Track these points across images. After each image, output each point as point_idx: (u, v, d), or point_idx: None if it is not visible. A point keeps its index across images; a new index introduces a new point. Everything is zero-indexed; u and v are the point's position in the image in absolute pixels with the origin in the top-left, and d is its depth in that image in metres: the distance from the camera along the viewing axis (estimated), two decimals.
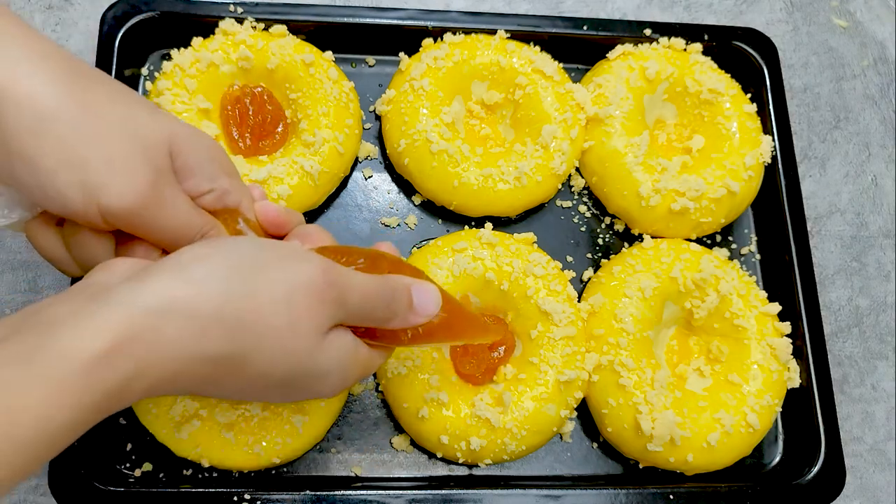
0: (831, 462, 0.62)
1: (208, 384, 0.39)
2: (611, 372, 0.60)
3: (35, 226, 0.45)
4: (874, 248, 0.76)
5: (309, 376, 0.42)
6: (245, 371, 0.39)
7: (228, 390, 0.40)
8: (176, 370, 0.36)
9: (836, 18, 0.84)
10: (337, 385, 0.44)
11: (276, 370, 0.40)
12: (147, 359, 0.35)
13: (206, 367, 0.37)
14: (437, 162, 0.65)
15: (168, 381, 0.36)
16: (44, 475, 0.60)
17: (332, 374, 0.43)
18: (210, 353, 0.37)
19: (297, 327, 0.39)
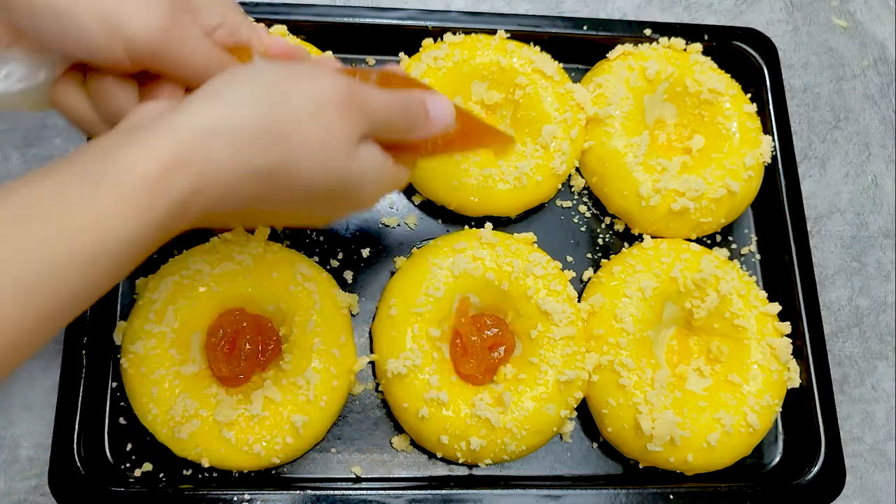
0: (831, 462, 0.62)
1: (259, 202, 0.41)
2: (611, 372, 0.60)
3: (60, 87, 0.45)
4: (874, 248, 0.76)
5: (347, 185, 0.45)
6: (290, 184, 0.41)
7: (278, 207, 0.43)
8: (229, 186, 0.39)
9: (836, 18, 0.84)
10: (373, 194, 0.48)
11: (317, 180, 0.42)
12: (202, 175, 0.37)
13: (255, 181, 0.40)
14: (437, 162, 0.65)
15: (222, 199, 0.39)
16: (44, 475, 0.60)
17: (368, 182, 0.46)
18: (256, 166, 0.39)
19: (331, 137, 0.42)
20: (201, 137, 0.38)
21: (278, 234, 0.66)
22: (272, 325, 0.61)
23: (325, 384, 0.58)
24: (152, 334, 0.58)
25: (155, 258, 0.64)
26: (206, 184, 0.38)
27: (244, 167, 0.39)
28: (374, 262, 0.67)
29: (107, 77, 0.44)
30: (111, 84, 0.44)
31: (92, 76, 0.44)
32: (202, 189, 0.38)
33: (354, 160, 0.44)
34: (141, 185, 0.36)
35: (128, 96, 0.45)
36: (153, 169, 0.36)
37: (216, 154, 0.38)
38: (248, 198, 0.41)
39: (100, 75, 0.44)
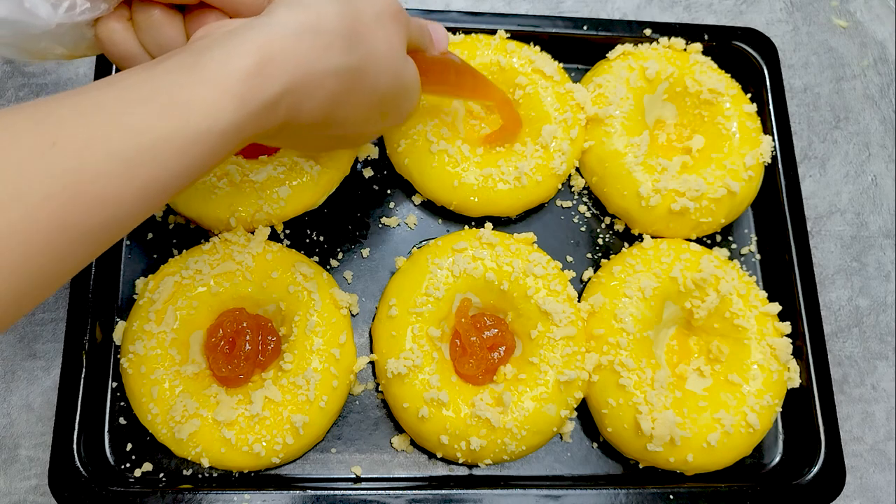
0: (831, 462, 0.62)
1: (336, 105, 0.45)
2: (611, 372, 0.60)
3: (107, 24, 0.47)
4: (874, 248, 0.76)
5: (400, 90, 0.50)
6: (362, 84, 0.46)
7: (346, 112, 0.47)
8: (314, 84, 0.42)
9: (836, 18, 0.84)
10: (414, 101, 0.54)
11: (381, 82, 0.47)
12: (292, 73, 0.40)
13: (335, 80, 0.43)
14: (437, 162, 0.65)
15: (306, 98, 0.42)
16: (44, 475, 0.60)
17: (412, 89, 0.52)
18: (338, 64, 0.43)
19: (393, 42, 0.48)
20: (291, 37, 0.41)
21: (278, 234, 0.66)
22: (272, 325, 0.61)
23: (325, 384, 0.58)
24: (152, 334, 0.58)
25: (155, 258, 0.64)
26: (295, 81, 0.41)
27: (328, 65, 0.42)
28: (374, 262, 0.67)
29: (155, 9, 0.46)
30: (160, 17, 0.46)
31: (139, 10, 0.46)
32: (291, 86, 0.41)
33: (406, 66, 0.50)
34: (238, 78, 0.38)
35: (176, 28, 0.47)
36: (249, 64, 0.39)
37: (304, 52, 0.41)
38: (327, 99, 0.44)
39: (147, 8, 0.46)
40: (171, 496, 0.56)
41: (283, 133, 0.45)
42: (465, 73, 0.61)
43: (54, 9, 0.44)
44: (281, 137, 0.48)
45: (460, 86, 0.62)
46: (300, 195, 0.64)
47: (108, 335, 0.61)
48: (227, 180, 0.62)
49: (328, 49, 0.42)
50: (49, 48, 0.47)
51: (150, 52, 0.47)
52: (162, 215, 0.66)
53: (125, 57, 0.47)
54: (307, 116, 0.44)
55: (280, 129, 0.43)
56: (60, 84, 0.71)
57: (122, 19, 0.47)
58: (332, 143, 0.54)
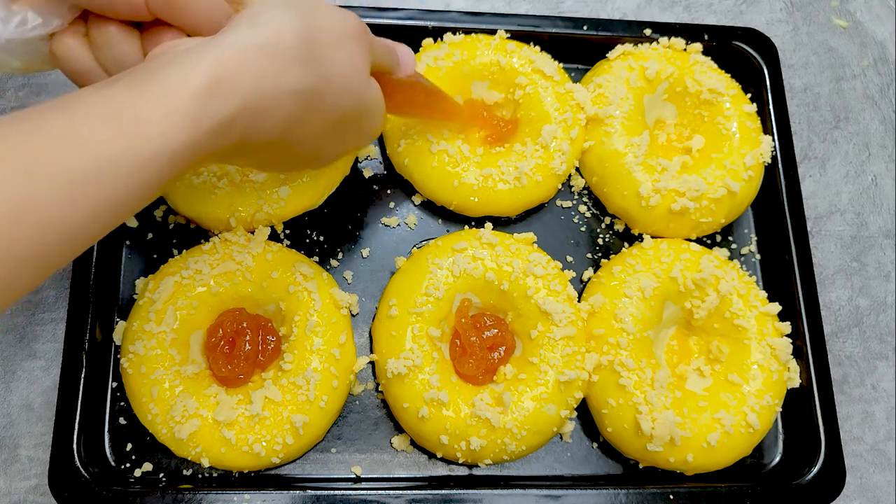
0: (831, 462, 0.62)
1: (293, 125, 0.44)
2: (611, 372, 0.60)
3: (63, 40, 0.46)
4: (874, 248, 0.76)
5: (361, 112, 0.50)
6: (320, 105, 0.45)
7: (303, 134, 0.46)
8: (269, 105, 0.41)
9: (836, 18, 0.84)
10: (377, 124, 0.53)
11: (341, 104, 0.47)
12: (247, 92, 0.40)
13: (293, 101, 0.43)
14: (437, 162, 0.65)
15: (262, 119, 0.42)
16: (44, 475, 0.60)
17: (375, 112, 0.52)
18: (294, 84, 0.42)
19: (354, 64, 0.47)
20: (247, 55, 0.40)
21: (278, 234, 0.66)
22: (272, 325, 0.61)
23: (325, 384, 0.58)
24: (152, 334, 0.58)
25: (155, 258, 0.64)
26: (250, 100, 0.40)
27: (284, 85, 0.42)
28: (374, 262, 0.67)
29: (111, 25, 0.45)
30: (116, 33, 0.45)
31: (95, 27, 0.46)
32: (246, 105, 0.40)
33: (368, 88, 0.49)
34: (190, 97, 0.37)
35: (132, 45, 0.46)
36: (202, 83, 0.38)
37: (260, 71, 0.40)
38: (283, 120, 0.43)
39: (104, 25, 0.45)
40: (171, 496, 0.56)
41: (239, 153, 0.45)
42: (433, 95, 0.61)
43: (4, 24, 0.43)
44: (237, 157, 0.47)
45: (428, 107, 0.62)
46: (300, 195, 0.64)
47: (108, 335, 0.61)
48: (227, 180, 0.62)
49: (285, 69, 0.42)
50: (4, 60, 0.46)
51: (107, 69, 0.46)
52: (162, 215, 0.66)
53: (80, 73, 0.47)
54: (263, 136, 0.43)
55: (235, 148, 0.42)
56: (60, 84, 0.71)
57: (78, 35, 0.46)
58: (292, 164, 0.53)
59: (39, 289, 0.65)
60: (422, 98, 0.60)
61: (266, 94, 0.41)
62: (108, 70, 0.46)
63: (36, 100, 0.71)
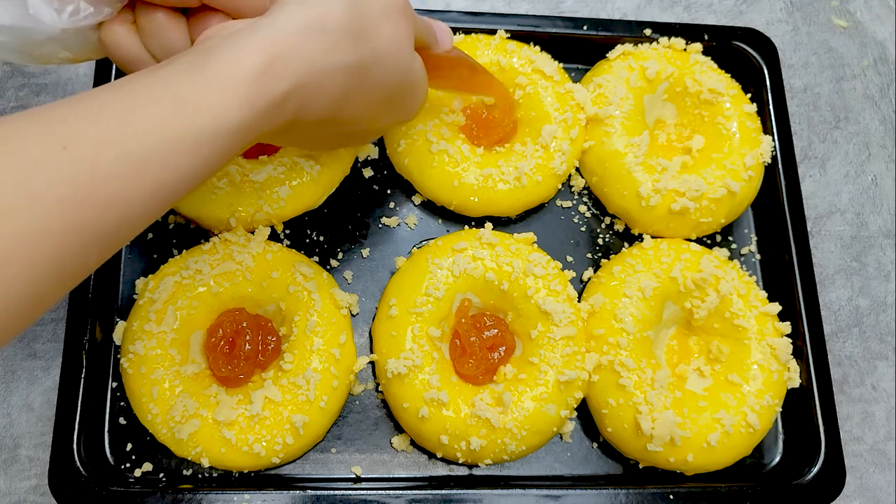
0: (831, 462, 0.62)
1: (343, 102, 0.45)
2: (611, 372, 0.60)
3: (111, 28, 0.47)
4: (874, 248, 0.76)
5: (407, 86, 0.50)
6: (369, 81, 0.46)
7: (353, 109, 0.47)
8: (320, 83, 0.42)
9: (836, 18, 0.84)
10: (421, 98, 0.54)
11: (389, 78, 0.47)
12: (300, 70, 0.41)
13: (343, 77, 0.43)
14: (437, 162, 0.65)
15: (314, 96, 0.43)
16: (44, 475, 0.60)
17: (419, 86, 0.52)
18: (345, 61, 0.43)
19: (400, 39, 0.47)
20: (299, 35, 0.41)
21: (278, 234, 0.66)
22: (272, 325, 0.61)
23: (325, 384, 0.58)
24: (152, 334, 0.58)
25: (155, 258, 0.64)
26: (302, 79, 0.41)
27: (335, 62, 0.42)
28: (374, 262, 0.67)
29: (159, 12, 0.46)
30: (164, 20, 0.46)
31: (143, 14, 0.46)
32: (299, 84, 0.41)
33: (413, 62, 0.50)
34: (246, 77, 0.38)
35: (180, 31, 0.47)
36: (257, 63, 0.39)
37: (311, 50, 0.41)
38: (334, 97, 0.44)
39: (151, 12, 0.46)
40: (171, 496, 0.56)
41: (291, 131, 0.45)
42: (472, 69, 0.62)
43: (58, 14, 0.44)
44: (288, 136, 0.47)
45: (467, 81, 0.63)
46: (300, 195, 0.64)
47: (108, 335, 0.61)
48: (227, 180, 0.62)
49: (335, 46, 0.42)
50: (53, 52, 0.47)
51: (155, 56, 0.47)
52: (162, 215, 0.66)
53: (130, 60, 0.48)
54: (315, 114, 0.44)
55: (288, 127, 0.43)
56: (60, 84, 0.71)
57: (126, 23, 0.47)
58: (339, 141, 0.54)
59: None
60: (461, 72, 0.61)
61: (317, 72, 0.42)
62: (156, 57, 0.47)
63: (36, 100, 0.71)
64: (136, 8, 0.47)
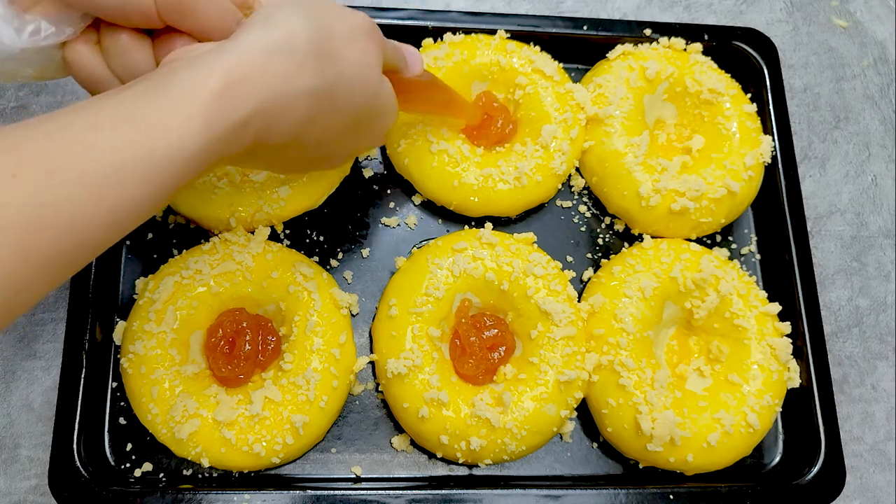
0: (831, 462, 0.62)
1: (307, 126, 0.44)
2: (611, 372, 0.60)
3: (75, 48, 0.46)
4: (874, 248, 0.76)
5: (374, 110, 0.49)
6: (335, 104, 0.45)
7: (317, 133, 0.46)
8: (283, 106, 0.42)
9: (836, 18, 0.84)
10: (389, 122, 0.53)
11: (355, 102, 0.47)
12: (262, 93, 0.40)
13: (307, 101, 0.43)
14: (437, 162, 0.65)
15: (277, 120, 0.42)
16: (44, 475, 0.60)
17: (388, 109, 0.51)
18: (309, 85, 0.42)
19: (367, 61, 0.47)
20: (260, 57, 0.40)
21: (278, 234, 0.66)
22: (272, 325, 0.61)
23: (325, 384, 0.58)
24: (152, 334, 0.58)
25: (155, 258, 0.64)
26: (264, 102, 0.40)
27: (299, 86, 0.42)
28: (374, 262, 0.67)
29: (123, 33, 0.46)
30: (128, 40, 0.46)
31: (107, 35, 0.46)
32: (261, 107, 0.40)
33: (382, 85, 0.49)
34: (206, 100, 0.38)
35: (144, 52, 0.46)
36: (217, 86, 0.38)
37: (274, 73, 0.41)
38: (298, 120, 0.43)
39: (115, 33, 0.46)
40: (171, 496, 0.56)
41: (254, 155, 0.45)
42: (442, 92, 0.61)
43: (18, 34, 0.44)
44: (251, 160, 0.47)
45: (437, 104, 0.62)
46: (300, 195, 0.64)
47: (108, 335, 0.61)
48: (227, 180, 0.62)
49: (299, 69, 0.42)
50: (17, 70, 0.46)
51: (119, 77, 0.47)
52: (162, 215, 0.66)
53: (93, 81, 0.47)
54: (278, 138, 0.43)
55: (250, 151, 0.43)
56: (60, 84, 0.71)
57: (90, 43, 0.46)
58: (306, 165, 0.53)
59: None
60: (431, 96, 0.60)
61: (280, 95, 0.41)
62: (120, 77, 0.47)
63: (36, 100, 0.71)
64: (101, 28, 0.46)
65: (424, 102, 0.61)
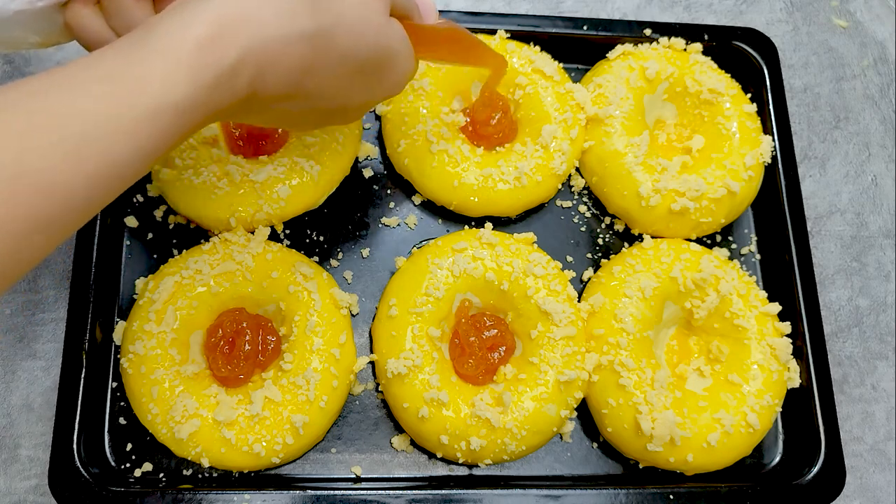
0: (831, 462, 0.62)
1: (305, 74, 0.42)
2: (611, 372, 0.60)
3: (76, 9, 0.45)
4: (874, 248, 0.76)
5: (382, 57, 0.46)
6: (333, 51, 0.42)
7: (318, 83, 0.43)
8: (276, 52, 0.39)
9: (836, 18, 0.84)
10: (405, 69, 0.49)
11: (356, 48, 0.44)
12: (250, 40, 0.38)
13: (301, 46, 0.40)
14: (437, 162, 0.65)
15: (269, 68, 0.40)
16: (44, 475, 0.60)
17: (399, 56, 0.48)
18: (302, 30, 0.40)
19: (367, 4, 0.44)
20: (248, 2, 0.38)
21: (278, 234, 0.66)
22: (272, 325, 0.61)
23: (325, 384, 0.58)
24: (152, 334, 0.58)
25: (155, 258, 0.64)
26: (253, 48, 0.38)
27: (290, 31, 0.40)
28: (374, 262, 0.67)
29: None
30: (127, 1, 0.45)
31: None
32: (250, 54, 0.38)
33: (388, 29, 0.46)
34: (191, 48, 0.36)
35: (144, 9, 0.45)
36: (203, 33, 0.37)
37: (263, 17, 0.39)
38: (294, 67, 0.41)
39: None
40: (171, 496, 0.56)
41: (254, 109, 0.43)
42: (464, 40, 0.58)
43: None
44: (253, 114, 0.45)
45: (459, 53, 0.59)
46: (300, 195, 0.64)
47: (108, 335, 0.61)
48: (227, 180, 0.62)
49: (290, 13, 0.40)
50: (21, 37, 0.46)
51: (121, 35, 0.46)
52: (162, 215, 0.66)
53: (96, 42, 0.46)
54: (274, 87, 0.41)
55: (246, 103, 0.41)
56: None
57: (90, 4, 0.46)
58: (318, 119, 0.51)
59: (39, 289, 0.65)
60: (451, 44, 0.57)
61: (271, 40, 0.39)
62: None
63: None
64: None
65: (444, 51, 0.57)
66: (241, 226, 0.62)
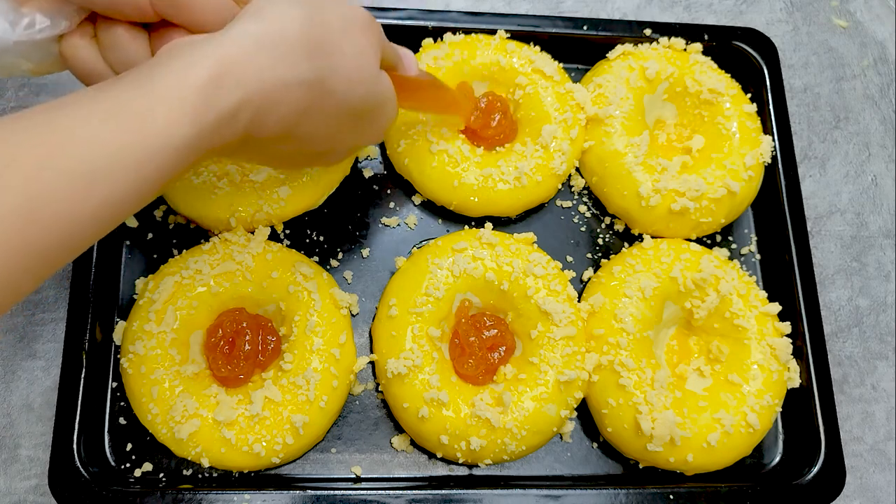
0: (831, 462, 0.62)
1: (301, 117, 0.44)
2: (611, 372, 0.60)
3: (71, 41, 0.46)
4: (874, 248, 0.76)
5: (374, 104, 0.49)
6: (329, 97, 0.44)
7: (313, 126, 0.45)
8: (274, 96, 0.41)
9: (836, 18, 0.84)
10: (389, 117, 0.52)
11: (351, 95, 0.46)
12: (250, 84, 0.40)
13: (298, 92, 0.42)
14: (437, 162, 0.65)
15: (267, 111, 0.41)
16: (44, 475, 0.60)
17: (388, 104, 0.50)
18: (300, 75, 0.42)
19: (363, 54, 0.46)
20: (250, 47, 0.40)
21: (278, 234, 0.66)
22: (272, 325, 0.61)
23: (325, 384, 0.58)
24: (152, 334, 0.58)
25: (155, 258, 0.64)
26: (253, 92, 0.40)
27: (289, 76, 0.41)
28: (374, 262, 0.67)
29: (119, 27, 0.45)
30: (124, 33, 0.45)
31: (103, 28, 0.46)
32: (250, 98, 0.40)
33: (380, 79, 0.48)
34: (193, 90, 0.37)
35: (140, 45, 0.46)
36: (205, 76, 0.38)
37: (264, 63, 0.40)
38: (290, 112, 0.43)
39: (111, 26, 0.45)
40: (171, 496, 0.56)
41: (248, 148, 0.44)
42: (439, 91, 0.61)
43: (12, 27, 0.44)
44: (246, 153, 0.46)
45: (438, 104, 0.62)
46: (300, 195, 0.64)
47: (108, 335, 0.61)
48: (227, 180, 0.62)
49: (290, 60, 0.41)
50: (15, 63, 0.46)
51: (116, 71, 0.47)
52: (162, 215, 0.66)
53: (90, 74, 0.47)
54: (269, 130, 0.43)
55: (242, 143, 0.42)
56: (60, 83, 0.71)
57: (87, 36, 0.46)
58: (304, 161, 0.53)
59: (39, 289, 0.65)
60: (431, 95, 0.60)
61: (271, 85, 0.41)
62: (116, 71, 0.46)
63: (36, 100, 0.71)
64: (97, 22, 0.46)
65: (424, 101, 0.60)
66: (241, 226, 0.62)
